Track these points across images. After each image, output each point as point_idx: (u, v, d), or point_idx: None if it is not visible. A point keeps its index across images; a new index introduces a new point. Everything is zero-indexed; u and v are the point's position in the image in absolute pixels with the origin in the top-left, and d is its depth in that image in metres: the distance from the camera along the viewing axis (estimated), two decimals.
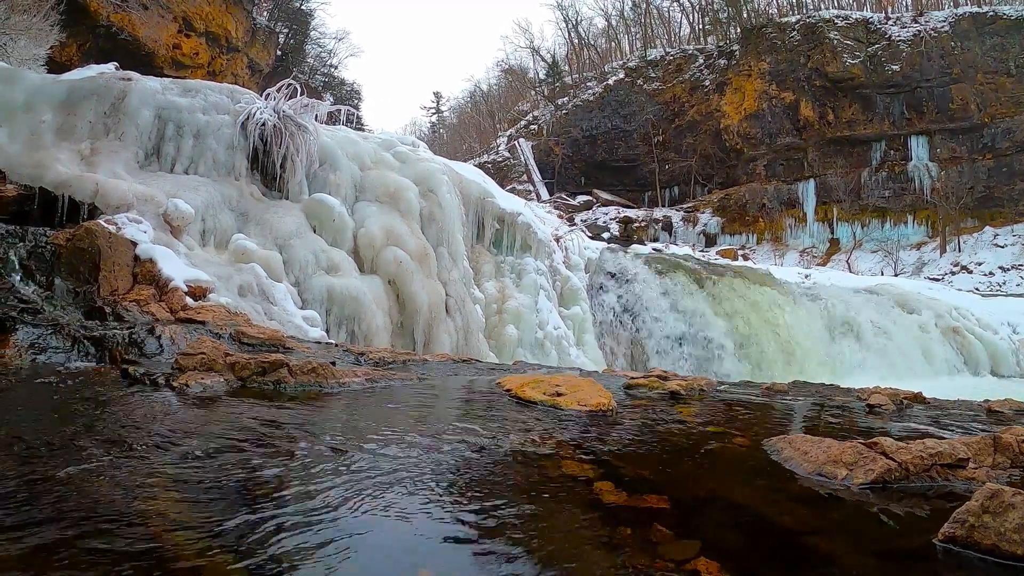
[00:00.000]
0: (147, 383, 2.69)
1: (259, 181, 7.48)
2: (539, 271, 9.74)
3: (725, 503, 1.57)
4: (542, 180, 39.10)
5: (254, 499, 1.42)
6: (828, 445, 1.81)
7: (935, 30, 31.88)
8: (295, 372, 2.86)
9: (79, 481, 1.48)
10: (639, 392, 3.11)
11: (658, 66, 40.52)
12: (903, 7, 36.88)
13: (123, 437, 1.88)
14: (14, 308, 3.52)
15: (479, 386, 3.24)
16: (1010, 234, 29.81)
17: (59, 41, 14.74)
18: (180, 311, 4.64)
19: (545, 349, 8.73)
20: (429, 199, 8.41)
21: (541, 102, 45.29)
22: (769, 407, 2.99)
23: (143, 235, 5.35)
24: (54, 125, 6.54)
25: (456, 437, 2.04)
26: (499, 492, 1.55)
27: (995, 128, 31.13)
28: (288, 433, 2.03)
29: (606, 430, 2.24)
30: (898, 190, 33.12)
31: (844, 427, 2.55)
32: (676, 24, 46.52)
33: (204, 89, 7.69)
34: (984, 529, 1.20)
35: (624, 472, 1.74)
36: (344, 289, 6.62)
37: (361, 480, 1.57)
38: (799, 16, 36.51)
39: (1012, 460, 1.81)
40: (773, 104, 35.26)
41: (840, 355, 11.52)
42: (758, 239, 36.06)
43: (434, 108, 66.51)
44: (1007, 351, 12.85)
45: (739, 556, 1.26)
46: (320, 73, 38.93)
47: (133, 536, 1.19)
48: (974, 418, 2.85)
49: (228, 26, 27.21)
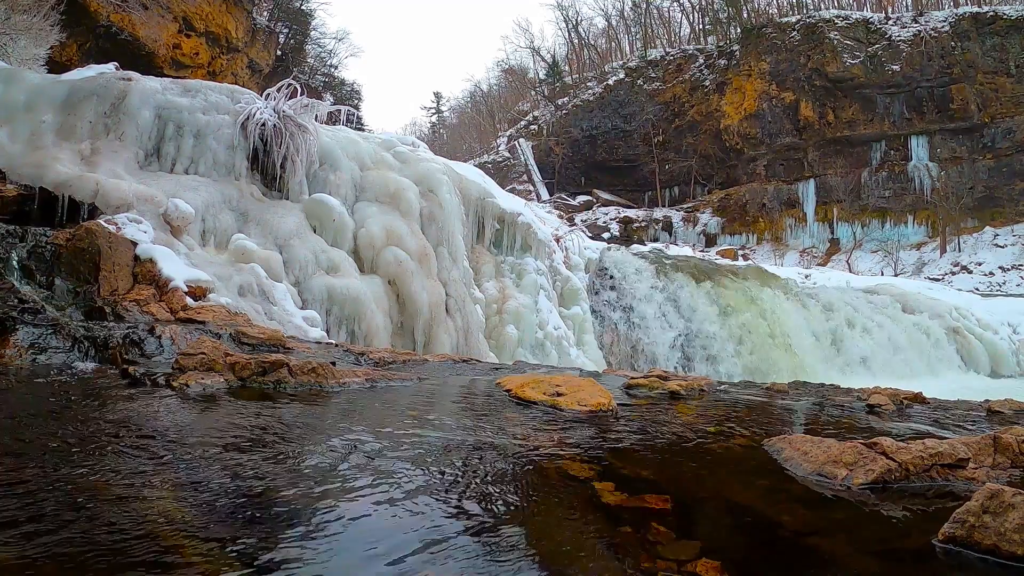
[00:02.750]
0: (147, 383, 2.69)
1: (259, 181, 7.48)
2: (539, 271, 9.74)
3: (725, 503, 1.57)
4: (542, 180, 39.13)
5: (254, 499, 1.42)
6: (828, 445, 1.81)
7: (935, 30, 31.89)
8: (295, 372, 2.86)
9: (79, 481, 1.48)
10: (639, 392, 3.11)
11: (658, 66, 40.57)
12: (903, 7, 36.92)
13: (123, 437, 1.88)
14: (14, 308, 3.52)
15: (479, 386, 3.24)
16: (1010, 234, 29.84)
17: (59, 41, 14.71)
18: (180, 311, 4.64)
19: (545, 349, 8.74)
20: (429, 199, 8.41)
21: (541, 102, 45.30)
22: (769, 407, 2.99)
23: (143, 235, 5.35)
24: (54, 125, 6.54)
25: (456, 437, 2.04)
26: (499, 492, 1.55)
27: (995, 128, 31.16)
28: (288, 433, 2.03)
29: (606, 430, 2.24)
30: (898, 190, 33.16)
31: (844, 427, 2.55)
32: (676, 24, 46.60)
33: (204, 89, 7.69)
34: (984, 529, 1.20)
35: (624, 472, 1.74)
36: (344, 289, 6.62)
37: (361, 480, 1.57)
38: (799, 16, 36.55)
39: (1012, 460, 1.81)
40: (773, 104, 35.29)
41: (840, 355, 11.53)
42: (758, 239, 36.10)
43: (434, 108, 66.59)
44: (1007, 351, 12.87)
45: (739, 556, 1.26)
46: (320, 73, 38.90)
47: (133, 536, 1.19)
48: (974, 418, 2.85)
49: (228, 26, 27.18)
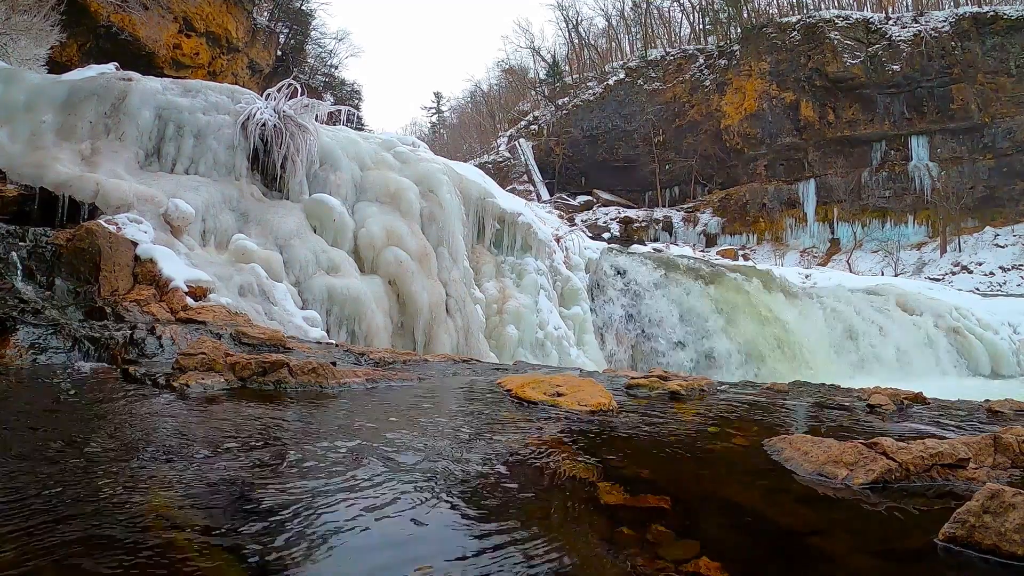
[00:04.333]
0: (148, 383, 2.69)
1: (259, 181, 7.48)
2: (539, 271, 9.74)
3: (725, 503, 1.57)
4: (542, 180, 39.11)
5: (254, 499, 1.42)
6: (828, 445, 1.81)
7: (935, 30, 31.87)
8: (295, 372, 2.86)
9: (79, 481, 1.48)
10: (639, 392, 3.11)
11: (658, 66, 40.53)
12: (903, 7, 36.88)
13: (123, 437, 1.88)
14: (15, 308, 3.52)
15: (479, 386, 3.24)
16: (1010, 234, 29.82)
17: (59, 41, 14.72)
18: (180, 311, 4.64)
19: (545, 349, 8.74)
20: (429, 199, 8.41)
21: (541, 102, 45.27)
22: (769, 407, 2.98)
23: (143, 235, 5.35)
24: (55, 125, 6.54)
25: (456, 437, 2.05)
26: (499, 492, 1.55)
27: (995, 128, 31.13)
28: (289, 433, 2.03)
29: (606, 430, 2.24)
30: (898, 190, 33.13)
31: (845, 427, 2.54)
32: (676, 24, 46.54)
33: (204, 89, 7.69)
34: (984, 529, 1.20)
35: (624, 472, 1.74)
36: (344, 289, 6.62)
37: (361, 479, 1.57)
38: (799, 16, 36.52)
39: (1012, 460, 1.81)
40: (773, 104, 35.27)
41: (840, 355, 11.53)
42: (758, 239, 36.08)
43: (434, 108, 66.56)
44: (1007, 351, 12.86)
45: (739, 556, 1.26)
46: (320, 73, 38.90)
47: (132, 536, 1.19)
48: (974, 418, 2.85)
49: (228, 26, 27.19)
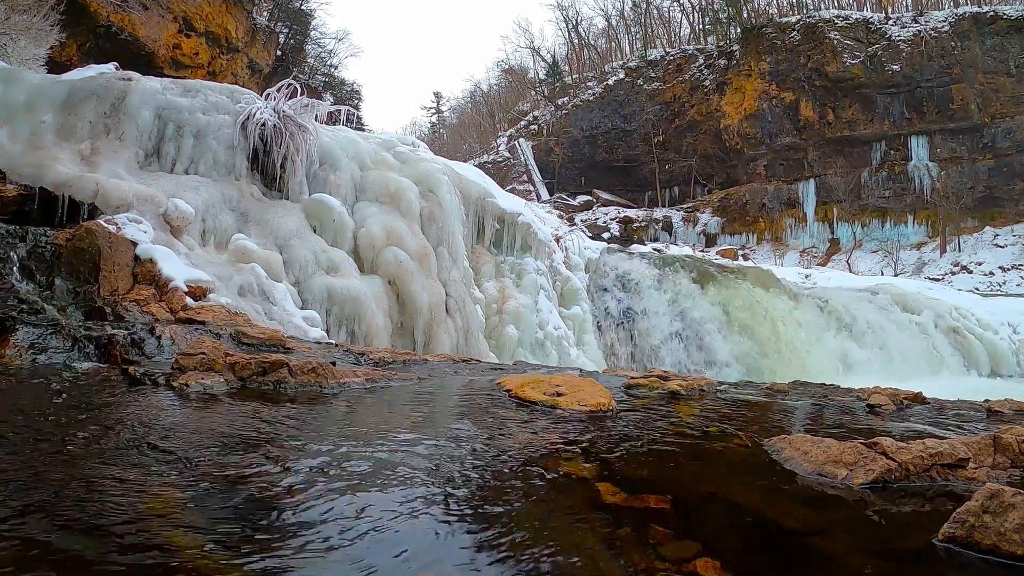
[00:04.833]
0: (147, 383, 2.69)
1: (259, 181, 7.48)
2: (539, 271, 9.74)
3: (725, 503, 1.57)
4: (542, 180, 39.13)
5: (254, 499, 1.42)
6: (828, 445, 1.81)
7: (935, 30, 31.89)
8: (295, 372, 2.86)
9: (79, 481, 1.48)
10: (639, 392, 3.11)
11: (658, 66, 40.55)
12: (903, 7, 36.89)
13: (123, 436, 1.88)
14: (14, 308, 3.52)
15: (479, 386, 3.24)
16: (1010, 234, 29.84)
17: (59, 41, 14.72)
18: (180, 311, 4.64)
19: (545, 349, 8.73)
20: (429, 199, 8.41)
21: (541, 102, 45.29)
22: (769, 407, 2.98)
23: (143, 235, 5.35)
24: (54, 125, 6.54)
25: (456, 437, 2.04)
26: (499, 492, 1.55)
27: (995, 128, 31.15)
28: (288, 434, 2.03)
29: (606, 430, 2.24)
30: (898, 190, 33.16)
31: (844, 427, 2.54)
32: (676, 24, 46.57)
33: (204, 89, 7.69)
34: (984, 529, 1.20)
35: (624, 472, 1.74)
36: (344, 289, 6.62)
37: (361, 480, 1.57)
38: (799, 16, 36.54)
39: (1012, 460, 1.81)
40: (773, 104, 35.29)
41: (840, 355, 11.52)
42: (758, 239, 36.10)
43: (434, 108, 66.56)
44: (1007, 351, 12.85)
45: (739, 556, 1.26)
46: (320, 73, 38.91)
47: (132, 535, 1.19)
48: (974, 418, 2.85)
49: (228, 26, 27.19)
